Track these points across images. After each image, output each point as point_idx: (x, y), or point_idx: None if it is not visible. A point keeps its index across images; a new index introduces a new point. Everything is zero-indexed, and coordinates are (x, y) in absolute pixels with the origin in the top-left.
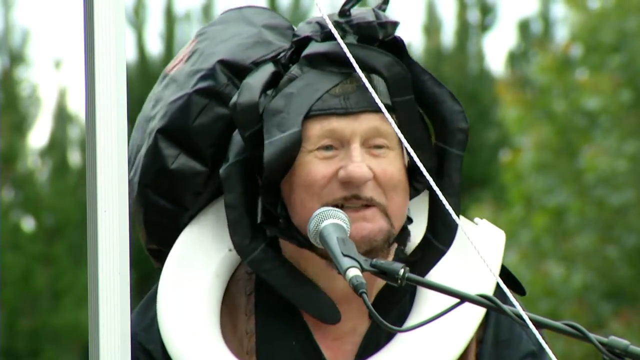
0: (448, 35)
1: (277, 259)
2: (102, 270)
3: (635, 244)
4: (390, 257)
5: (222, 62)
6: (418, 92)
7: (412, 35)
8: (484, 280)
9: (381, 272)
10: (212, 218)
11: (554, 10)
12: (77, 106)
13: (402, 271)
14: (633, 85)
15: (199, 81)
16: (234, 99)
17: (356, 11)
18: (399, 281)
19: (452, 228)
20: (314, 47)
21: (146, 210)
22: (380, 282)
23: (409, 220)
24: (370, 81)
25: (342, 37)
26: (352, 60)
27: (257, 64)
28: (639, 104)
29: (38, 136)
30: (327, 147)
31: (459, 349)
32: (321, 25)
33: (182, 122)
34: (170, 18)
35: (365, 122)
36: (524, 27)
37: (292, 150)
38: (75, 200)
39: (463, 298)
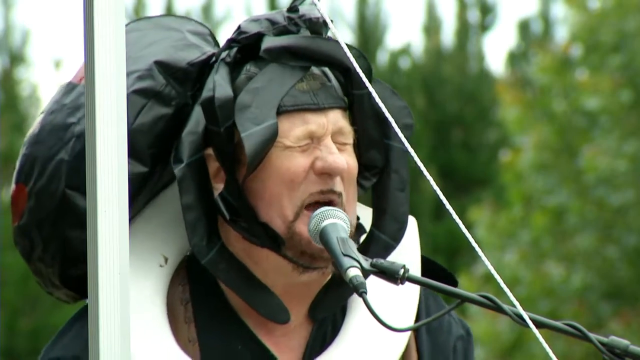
0: (448, 35)
1: (232, 260)
2: (102, 270)
3: (635, 244)
4: None
5: (159, 63)
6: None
7: (412, 35)
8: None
9: (381, 271)
10: (136, 235)
11: (554, 10)
12: None
13: (401, 271)
14: (633, 85)
15: (137, 81)
16: (208, 94)
17: (302, 7)
18: (399, 281)
19: (403, 223)
20: (273, 41)
21: (73, 215)
22: (319, 284)
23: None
24: (327, 75)
25: (297, 32)
26: (359, 69)
27: (193, 65)
28: (639, 104)
29: None
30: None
31: (404, 340)
32: (272, 22)
33: None
34: None
35: (333, 118)
36: (524, 27)
37: (271, 141)
38: None
39: (463, 298)
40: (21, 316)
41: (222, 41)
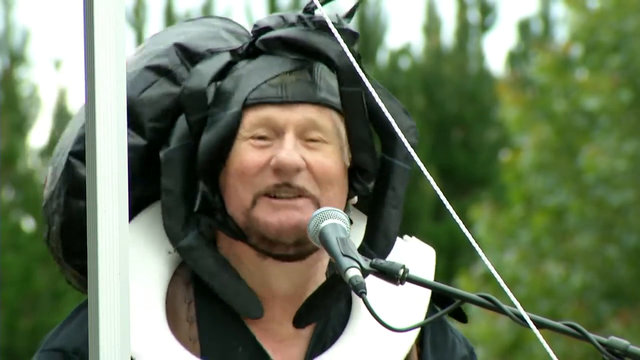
0: (448, 35)
1: (207, 249)
2: (102, 270)
3: (635, 244)
4: (325, 257)
5: (178, 45)
6: (369, 105)
7: (412, 35)
8: (417, 294)
9: (380, 271)
10: (147, 219)
11: (553, 10)
12: (77, 106)
13: (401, 271)
14: (633, 85)
15: (152, 58)
16: (184, 82)
17: (318, 12)
18: (398, 281)
19: (391, 240)
20: (271, 32)
21: (74, 183)
22: (315, 284)
23: (350, 221)
24: (312, 72)
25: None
26: (362, 73)
27: (213, 53)
28: (639, 103)
29: (38, 136)
30: (262, 137)
31: (405, 350)
32: (284, 19)
33: (128, 94)
34: (170, 18)
35: (301, 113)
36: (524, 27)
37: (230, 129)
38: None
39: (463, 298)
40: (21, 316)
41: None
